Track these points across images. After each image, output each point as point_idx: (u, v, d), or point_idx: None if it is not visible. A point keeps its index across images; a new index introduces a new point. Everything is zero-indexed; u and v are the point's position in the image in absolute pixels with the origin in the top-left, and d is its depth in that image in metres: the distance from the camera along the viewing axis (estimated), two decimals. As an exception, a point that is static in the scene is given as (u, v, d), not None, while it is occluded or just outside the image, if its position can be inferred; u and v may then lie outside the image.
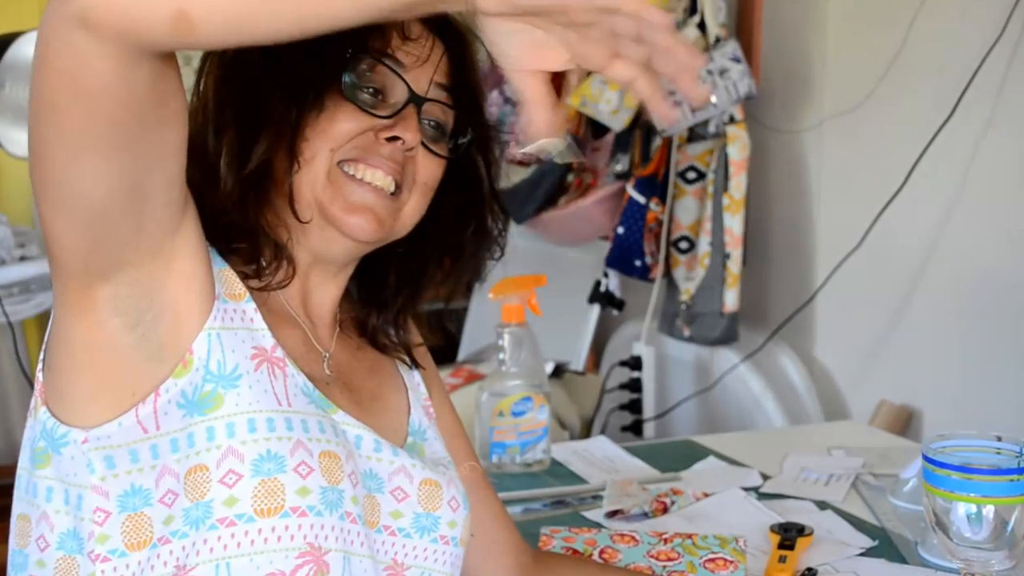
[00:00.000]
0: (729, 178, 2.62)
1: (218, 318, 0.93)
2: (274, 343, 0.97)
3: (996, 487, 1.07)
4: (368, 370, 1.10)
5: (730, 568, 1.34)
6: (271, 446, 0.92)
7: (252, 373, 0.93)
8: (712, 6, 2.62)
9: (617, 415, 2.80)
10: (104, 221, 0.84)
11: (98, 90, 0.76)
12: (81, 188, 0.82)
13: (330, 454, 0.95)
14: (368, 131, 0.99)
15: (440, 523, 1.05)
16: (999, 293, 2.23)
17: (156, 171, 0.84)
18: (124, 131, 0.80)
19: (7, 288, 3.47)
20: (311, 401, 0.97)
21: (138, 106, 0.79)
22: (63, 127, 0.79)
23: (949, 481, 1.08)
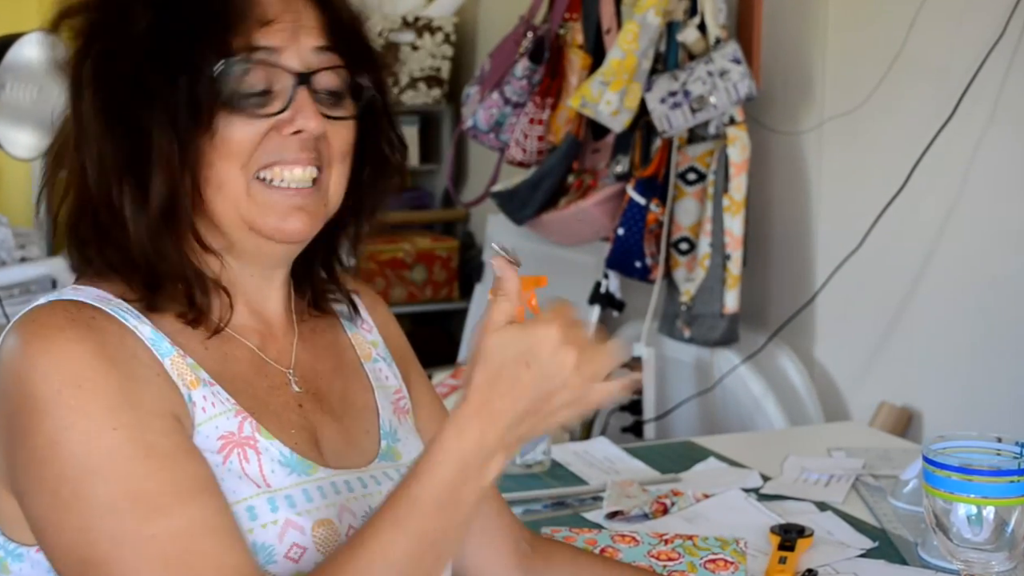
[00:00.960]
0: (729, 179, 2.62)
1: (192, 425, 0.91)
2: (240, 419, 0.94)
3: (996, 488, 1.06)
4: (332, 370, 1.08)
5: (730, 569, 1.34)
6: (256, 537, 0.90)
7: (221, 467, 0.91)
8: (712, 7, 2.62)
9: (617, 416, 2.80)
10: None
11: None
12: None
13: (324, 522, 0.94)
14: (269, 132, 0.95)
15: None
16: (1000, 294, 2.23)
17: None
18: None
19: (7, 289, 3.46)
20: (292, 471, 0.95)
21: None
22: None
23: (949, 482, 1.08)
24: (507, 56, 3.05)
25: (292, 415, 1.00)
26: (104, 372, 0.87)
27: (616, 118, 2.73)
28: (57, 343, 0.87)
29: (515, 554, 1.19)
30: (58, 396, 0.85)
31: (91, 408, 0.85)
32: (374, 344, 1.14)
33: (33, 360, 0.86)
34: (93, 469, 0.85)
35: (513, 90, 3.02)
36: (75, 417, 0.85)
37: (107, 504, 0.84)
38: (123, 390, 0.87)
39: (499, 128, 3.07)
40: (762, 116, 2.72)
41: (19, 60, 2.02)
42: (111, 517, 0.84)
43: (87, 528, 0.84)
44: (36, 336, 0.87)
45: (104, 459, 0.85)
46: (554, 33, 3.02)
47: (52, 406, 0.85)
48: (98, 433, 0.85)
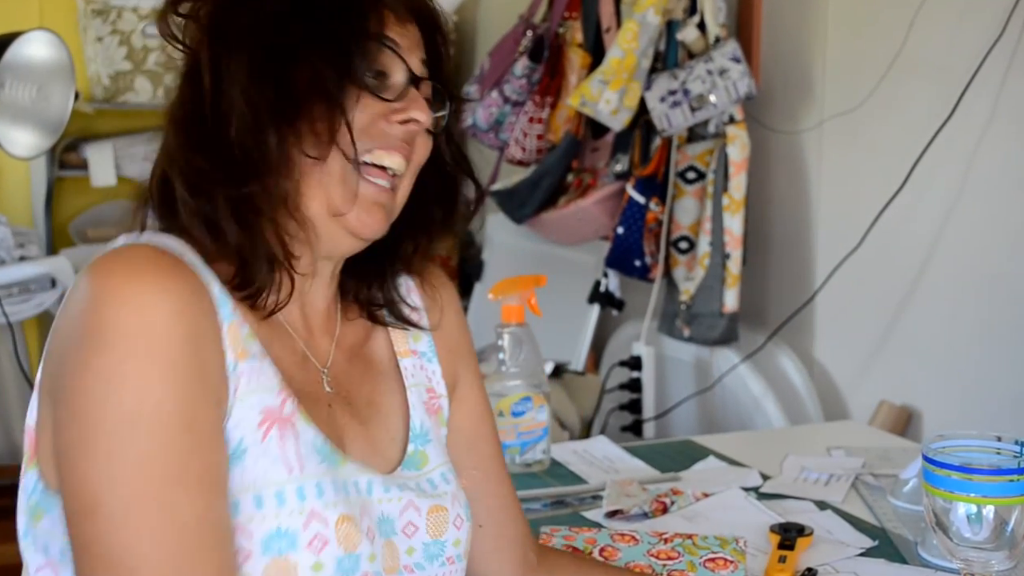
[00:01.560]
0: (729, 178, 2.62)
1: (230, 396, 0.92)
2: (283, 396, 0.95)
3: (996, 487, 1.07)
4: (362, 373, 1.09)
5: (730, 568, 1.34)
6: (281, 522, 0.91)
7: (259, 444, 0.92)
8: (712, 6, 2.62)
9: (617, 415, 2.80)
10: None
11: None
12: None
13: (347, 518, 0.94)
14: (381, 116, 0.99)
15: (447, 545, 1.05)
16: (999, 293, 2.23)
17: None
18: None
19: (7, 288, 3.47)
20: (323, 459, 0.96)
21: None
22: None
23: (949, 481, 1.08)
24: (507, 55, 3.06)
25: (322, 413, 1.01)
26: (173, 325, 0.87)
27: (616, 117, 2.73)
28: (136, 286, 0.87)
29: (522, 563, 1.20)
30: (124, 338, 0.85)
31: (152, 360, 0.86)
32: (416, 338, 1.14)
33: (110, 297, 0.87)
34: (136, 418, 0.85)
35: (513, 89, 3.02)
36: (136, 363, 0.85)
37: (139, 457, 0.85)
38: (184, 350, 0.87)
39: (498, 127, 3.07)
40: (762, 115, 2.72)
41: (19, 59, 2.02)
42: (139, 471, 0.85)
43: (112, 474, 0.85)
44: (117, 274, 0.88)
45: (150, 413, 0.85)
46: (554, 32, 3.03)
47: (118, 344, 0.85)
48: (152, 387, 0.86)
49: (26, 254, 3.64)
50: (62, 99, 2.07)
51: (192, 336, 0.88)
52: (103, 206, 4.09)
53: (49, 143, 2.12)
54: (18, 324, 3.60)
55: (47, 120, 2.07)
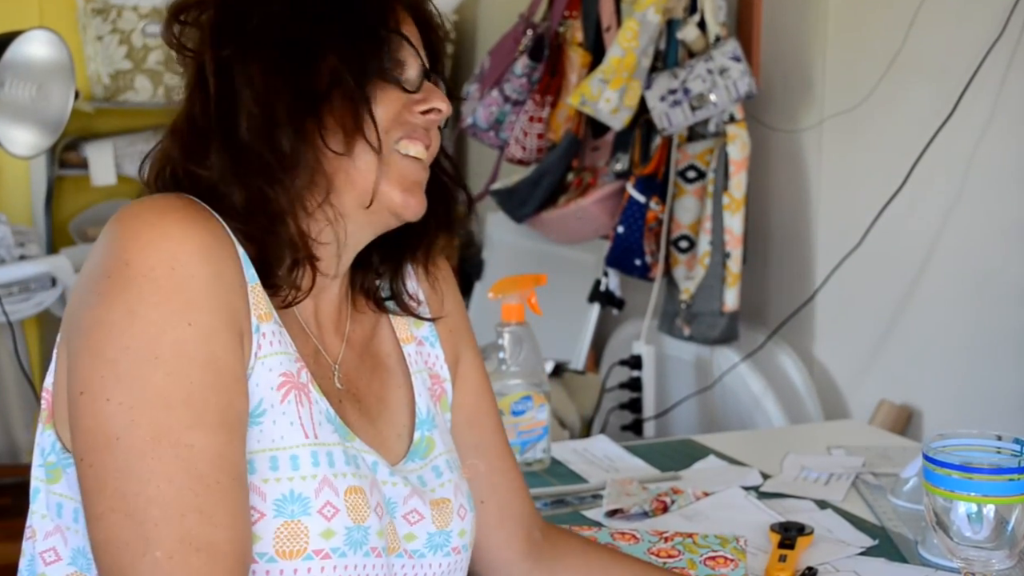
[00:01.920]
0: (729, 177, 2.62)
1: (251, 355, 0.92)
2: (300, 365, 0.95)
3: (997, 486, 1.06)
4: (372, 370, 1.09)
5: (731, 566, 1.34)
6: (295, 486, 0.91)
7: (278, 405, 0.92)
8: (712, 5, 2.62)
9: (617, 414, 2.80)
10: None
11: None
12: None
13: (356, 489, 0.95)
14: (404, 107, 1.00)
15: (451, 536, 1.05)
16: (999, 292, 2.23)
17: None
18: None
19: (7, 287, 3.47)
20: (335, 429, 0.96)
21: None
22: None
23: (949, 480, 1.08)
24: (507, 54, 3.06)
25: (333, 407, 1.01)
26: (199, 262, 0.87)
27: (616, 116, 2.73)
28: (164, 222, 0.87)
29: (527, 540, 1.19)
30: (151, 272, 0.86)
31: (176, 295, 0.86)
32: (417, 325, 1.14)
33: (137, 232, 0.87)
34: (158, 354, 0.85)
35: (513, 88, 3.02)
36: (160, 297, 0.85)
37: (158, 395, 0.85)
38: (209, 288, 0.87)
39: (499, 126, 3.07)
40: (762, 114, 2.72)
41: (19, 59, 2.02)
42: (160, 409, 0.85)
43: (132, 407, 0.84)
44: (146, 210, 0.88)
45: (171, 350, 0.85)
46: (554, 31, 3.03)
47: (141, 279, 0.86)
48: (175, 322, 0.86)
49: (26, 253, 3.64)
50: (62, 98, 2.07)
51: (218, 278, 0.88)
52: (103, 205, 4.09)
53: (49, 142, 2.12)
54: (18, 323, 3.60)
55: (47, 119, 2.07)
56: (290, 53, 0.95)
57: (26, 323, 3.81)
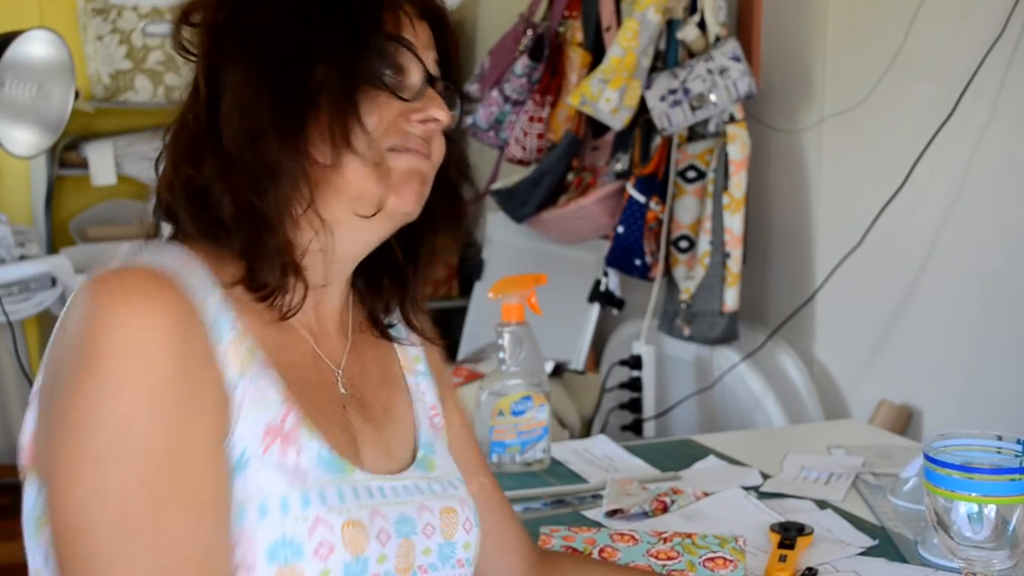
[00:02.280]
0: (729, 177, 2.62)
1: (232, 417, 0.91)
2: (285, 410, 0.94)
3: (998, 487, 1.06)
4: (380, 381, 1.09)
5: (730, 567, 1.34)
6: (286, 530, 0.91)
7: (261, 456, 0.92)
8: (712, 5, 2.62)
9: (617, 414, 2.80)
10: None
11: None
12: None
13: (354, 523, 0.94)
14: (400, 116, 0.98)
15: (457, 548, 1.05)
16: (999, 292, 2.23)
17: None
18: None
19: (7, 287, 3.47)
20: (328, 468, 0.95)
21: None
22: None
23: (950, 480, 1.08)
24: (507, 54, 3.06)
25: (336, 415, 1.01)
26: (161, 350, 0.87)
27: (616, 116, 2.73)
28: (128, 310, 0.88)
29: (526, 567, 1.20)
30: (115, 360, 0.86)
31: (140, 382, 0.86)
32: (416, 359, 1.15)
33: (102, 321, 0.87)
34: (123, 443, 0.85)
35: (513, 88, 3.02)
36: (124, 386, 0.86)
37: (125, 483, 0.85)
38: (173, 375, 0.88)
39: (499, 126, 3.07)
40: (762, 114, 2.72)
41: (19, 58, 2.01)
42: (124, 497, 0.85)
43: (97, 499, 0.85)
44: (111, 297, 0.88)
45: (134, 442, 0.86)
46: (554, 31, 3.03)
47: (105, 370, 0.86)
48: (138, 411, 0.86)
49: (26, 253, 3.63)
50: (62, 98, 2.07)
51: (183, 359, 0.88)
52: (103, 205, 4.08)
53: (49, 142, 2.12)
54: (18, 323, 3.60)
55: (47, 119, 2.07)
56: (277, 59, 0.94)
57: (26, 323, 3.81)
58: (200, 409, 0.89)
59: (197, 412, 0.89)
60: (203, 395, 0.89)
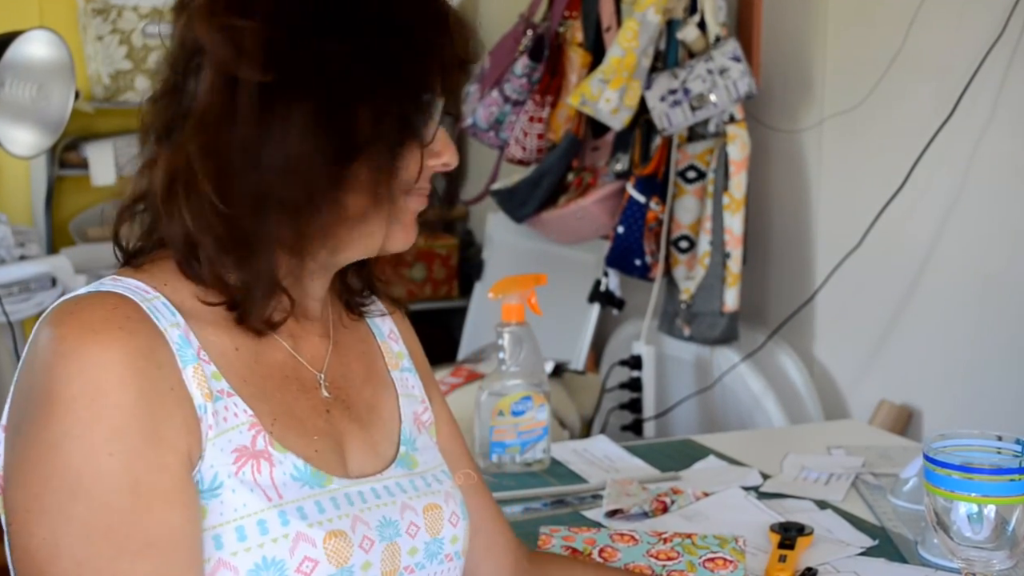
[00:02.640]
0: (729, 177, 2.62)
1: (202, 439, 0.91)
2: (254, 432, 0.93)
3: (997, 487, 1.06)
4: (364, 379, 1.08)
5: (729, 568, 1.34)
6: (267, 552, 0.90)
7: (233, 477, 0.91)
8: (712, 5, 2.62)
9: (617, 414, 2.80)
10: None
11: None
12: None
13: (337, 533, 0.94)
14: (419, 162, 0.98)
15: (444, 543, 1.05)
16: (999, 292, 2.23)
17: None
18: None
19: (7, 287, 3.46)
20: (304, 483, 0.95)
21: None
22: None
23: (950, 481, 1.08)
24: (507, 54, 3.05)
25: (318, 421, 1.00)
26: (121, 387, 0.87)
27: (616, 116, 2.73)
28: (86, 346, 0.87)
29: (515, 568, 1.20)
30: (72, 403, 0.86)
31: (98, 425, 0.86)
32: (400, 355, 1.14)
33: (61, 358, 0.87)
34: (79, 489, 0.85)
35: (513, 88, 3.02)
36: (81, 429, 0.85)
37: (81, 528, 0.85)
38: (133, 412, 0.87)
39: (499, 126, 3.07)
40: (762, 114, 2.72)
41: (19, 58, 2.01)
42: (81, 542, 0.85)
43: (55, 543, 0.85)
44: (70, 333, 0.88)
45: (92, 483, 0.85)
46: (554, 31, 3.02)
47: (64, 411, 0.86)
48: (95, 454, 0.85)
49: (26, 253, 3.63)
50: (62, 98, 2.07)
51: (147, 391, 0.87)
52: (103, 205, 4.08)
53: (49, 142, 2.12)
54: (18, 323, 3.59)
55: (47, 119, 2.07)
56: (337, 99, 0.91)
57: (26, 323, 3.80)
58: (165, 441, 0.88)
59: (162, 444, 0.88)
60: (169, 425, 0.88)
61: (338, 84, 0.91)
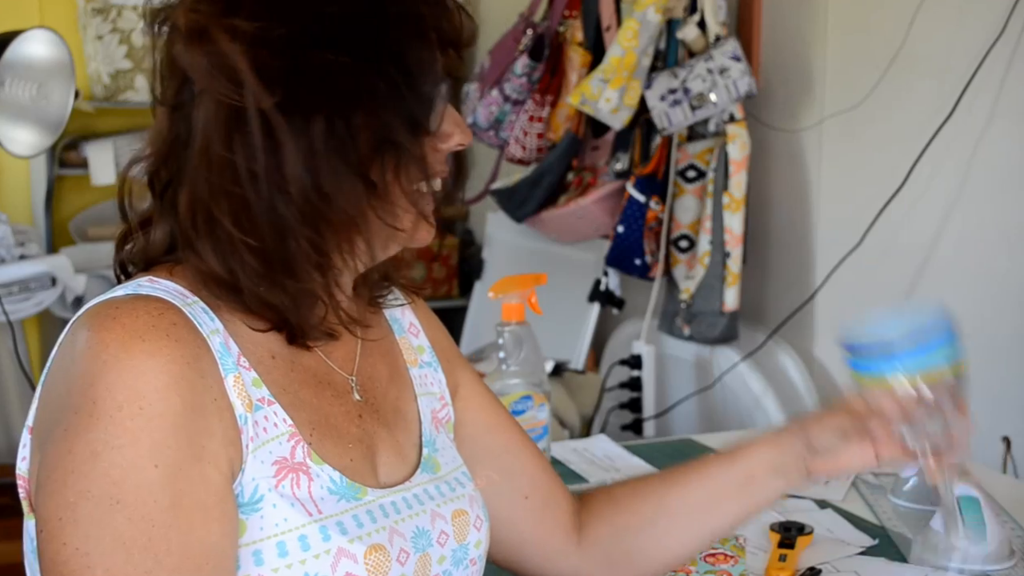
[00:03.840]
0: (729, 177, 2.62)
1: (243, 450, 0.89)
2: (294, 443, 0.92)
3: (922, 357, 1.02)
4: (389, 379, 1.07)
5: (730, 562, 1.34)
6: (309, 568, 0.88)
7: (274, 490, 0.89)
8: (712, 5, 2.62)
9: (617, 414, 2.80)
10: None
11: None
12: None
13: (377, 547, 0.92)
14: (433, 148, 0.96)
15: (469, 548, 1.04)
16: (999, 291, 2.23)
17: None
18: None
19: (7, 287, 3.46)
20: (341, 497, 0.93)
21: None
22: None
23: (877, 363, 1.03)
24: (507, 53, 3.06)
25: (352, 427, 0.99)
26: (167, 397, 0.84)
27: (616, 115, 2.73)
28: (132, 354, 0.84)
29: (572, 520, 1.17)
30: (117, 412, 0.83)
31: (142, 436, 0.83)
32: (420, 349, 1.13)
33: (105, 366, 0.84)
34: (119, 499, 0.83)
35: (513, 87, 3.02)
36: (125, 440, 0.83)
37: (117, 539, 0.82)
38: (178, 423, 0.85)
39: (499, 125, 3.07)
40: (762, 113, 2.72)
41: (19, 58, 2.02)
42: (116, 553, 0.82)
43: (89, 552, 0.82)
44: (114, 338, 0.85)
45: (133, 494, 0.83)
46: (554, 30, 3.03)
47: (107, 419, 0.83)
48: (139, 465, 0.83)
49: (26, 252, 3.63)
50: (62, 97, 2.07)
51: (189, 409, 0.85)
52: (103, 204, 4.08)
53: (49, 141, 2.12)
54: (18, 323, 3.59)
55: (47, 118, 2.07)
56: (342, 110, 0.89)
57: (26, 323, 3.80)
58: (208, 453, 0.86)
59: (204, 457, 0.86)
60: (211, 436, 0.87)
61: (339, 94, 0.89)
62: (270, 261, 0.90)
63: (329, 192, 0.89)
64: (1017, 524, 1.49)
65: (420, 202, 0.95)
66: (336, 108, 0.89)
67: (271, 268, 0.90)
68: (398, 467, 1.02)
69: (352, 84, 0.89)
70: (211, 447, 0.86)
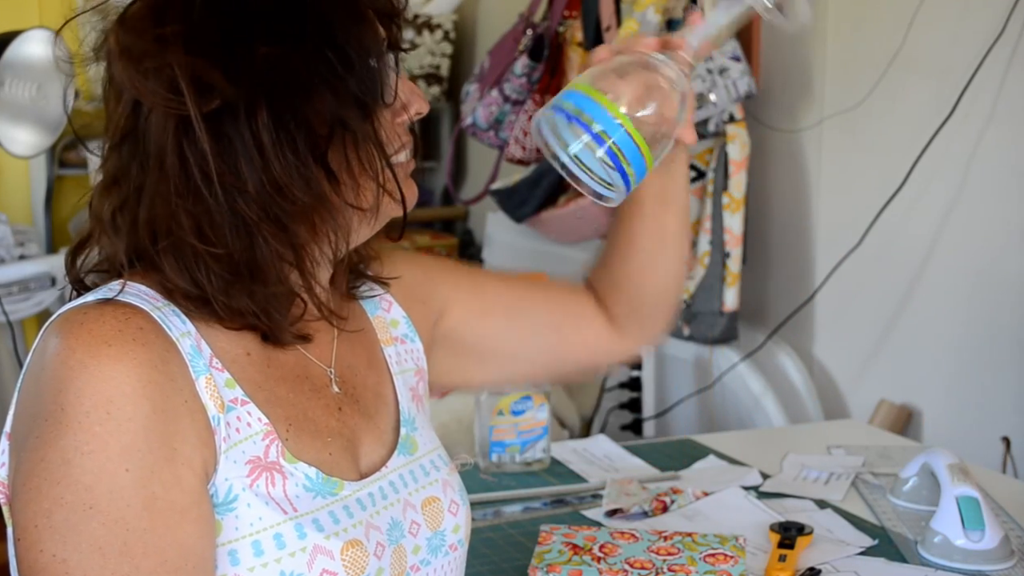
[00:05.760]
0: (729, 177, 2.62)
1: (216, 450, 0.89)
2: (267, 442, 0.92)
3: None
4: (367, 364, 1.06)
5: (730, 563, 1.34)
6: (284, 566, 0.89)
7: (248, 490, 0.89)
8: (712, 4, 2.62)
9: (617, 414, 2.80)
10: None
11: None
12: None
13: (353, 543, 0.93)
14: (391, 120, 0.96)
15: (446, 534, 1.04)
16: (999, 292, 2.23)
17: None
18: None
19: (7, 287, 3.46)
20: (317, 494, 0.93)
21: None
22: None
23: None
24: (507, 54, 3.05)
25: (331, 420, 0.99)
26: (136, 401, 0.84)
27: (616, 116, 2.73)
28: (99, 359, 0.84)
29: (598, 314, 1.25)
30: (85, 417, 0.83)
31: (111, 440, 0.84)
32: (394, 323, 1.12)
33: (72, 372, 0.84)
34: (92, 504, 0.83)
35: (513, 88, 3.02)
36: (95, 445, 0.83)
37: (94, 545, 0.83)
38: (148, 426, 0.85)
39: (499, 126, 3.07)
40: (762, 114, 2.72)
41: (19, 58, 2.02)
42: (93, 559, 0.83)
43: (66, 558, 0.83)
44: (81, 344, 0.85)
45: (106, 499, 0.83)
46: (553, 31, 3.02)
47: (76, 426, 0.83)
48: (109, 470, 0.83)
49: (26, 252, 3.63)
50: (62, 98, 2.07)
51: (158, 409, 0.85)
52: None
53: (49, 141, 2.12)
54: (18, 323, 3.59)
55: (47, 118, 2.07)
56: (287, 100, 0.89)
57: (26, 323, 3.80)
58: (180, 455, 0.86)
59: (177, 459, 0.86)
60: (183, 438, 0.87)
61: (280, 85, 0.88)
62: (237, 268, 0.90)
63: (284, 184, 0.88)
64: (1017, 524, 1.49)
65: (382, 178, 0.94)
66: (279, 100, 0.88)
67: (239, 275, 0.90)
68: (379, 452, 1.02)
69: (291, 74, 0.89)
70: (184, 449, 0.87)
